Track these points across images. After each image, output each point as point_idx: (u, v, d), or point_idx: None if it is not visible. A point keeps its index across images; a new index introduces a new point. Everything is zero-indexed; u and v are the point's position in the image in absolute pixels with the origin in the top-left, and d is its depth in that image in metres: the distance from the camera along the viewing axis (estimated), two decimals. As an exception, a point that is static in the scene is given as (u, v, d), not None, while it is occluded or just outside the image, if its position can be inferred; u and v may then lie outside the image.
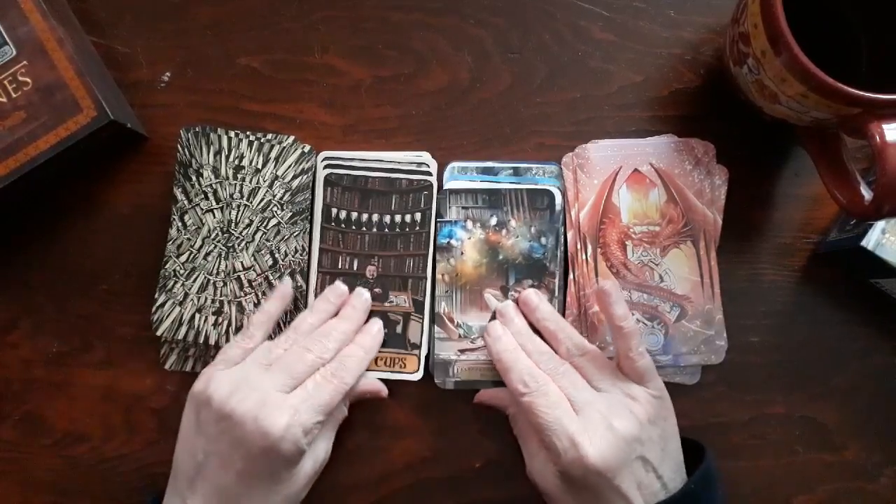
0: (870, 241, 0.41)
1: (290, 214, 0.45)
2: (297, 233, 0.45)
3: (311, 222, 0.46)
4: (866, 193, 0.39)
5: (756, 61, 0.38)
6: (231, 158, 0.45)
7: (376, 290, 0.45)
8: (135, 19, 0.48)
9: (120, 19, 0.48)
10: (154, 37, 0.48)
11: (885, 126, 0.35)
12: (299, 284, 0.45)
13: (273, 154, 0.45)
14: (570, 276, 0.45)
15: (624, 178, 0.46)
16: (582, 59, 0.47)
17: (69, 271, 0.46)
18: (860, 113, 0.36)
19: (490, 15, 0.48)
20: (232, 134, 0.45)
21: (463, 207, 0.45)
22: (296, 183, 0.45)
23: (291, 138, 0.45)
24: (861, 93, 0.35)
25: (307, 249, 0.45)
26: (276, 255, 0.45)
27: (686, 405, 0.44)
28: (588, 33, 0.48)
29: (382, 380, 0.45)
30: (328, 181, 0.46)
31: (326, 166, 0.46)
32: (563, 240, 0.45)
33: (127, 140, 0.46)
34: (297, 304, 0.45)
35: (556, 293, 0.44)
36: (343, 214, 0.46)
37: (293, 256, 0.45)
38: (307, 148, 0.46)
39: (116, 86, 0.47)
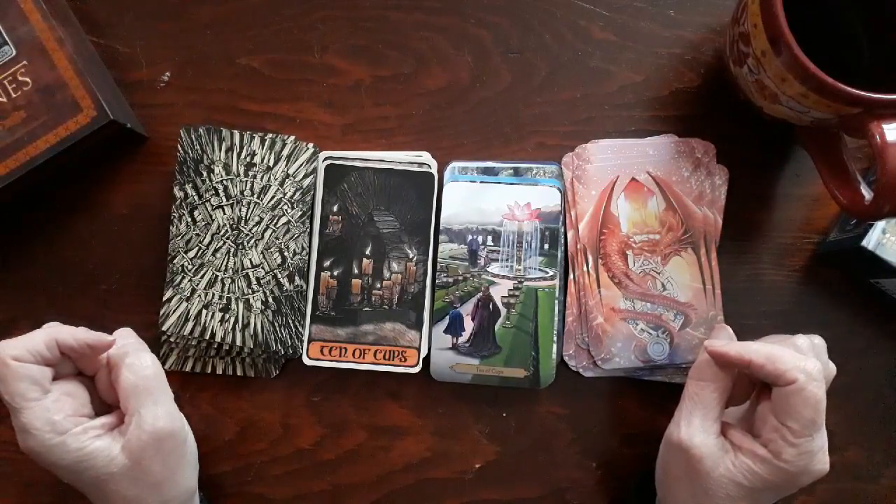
0: (870, 241, 0.41)
1: (299, 213, 0.45)
2: (304, 231, 0.45)
3: (311, 222, 0.46)
4: (866, 193, 0.39)
5: (756, 61, 0.38)
6: (243, 155, 0.45)
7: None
8: (135, 19, 0.48)
9: (120, 19, 0.48)
10: (154, 37, 0.48)
11: (885, 126, 0.35)
12: (298, 284, 0.45)
13: (285, 152, 0.45)
14: (571, 276, 0.45)
15: (622, 187, 0.46)
16: (582, 59, 0.47)
17: (69, 271, 0.46)
18: (860, 113, 0.36)
19: (490, 15, 0.48)
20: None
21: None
22: (307, 182, 0.45)
23: (293, 138, 0.46)
24: (861, 93, 0.35)
25: (307, 249, 0.45)
26: (286, 254, 0.45)
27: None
28: (588, 33, 0.48)
29: (383, 374, 0.45)
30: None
31: (327, 166, 0.46)
32: (563, 240, 0.45)
33: (127, 140, 0.46)
34: (297, 304, 0.45)
35: (557, 293, 0.44)
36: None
37: (301, 255, 0.45)
38: (312, 147, 0.46)
39: (116, 86, 0.47)
